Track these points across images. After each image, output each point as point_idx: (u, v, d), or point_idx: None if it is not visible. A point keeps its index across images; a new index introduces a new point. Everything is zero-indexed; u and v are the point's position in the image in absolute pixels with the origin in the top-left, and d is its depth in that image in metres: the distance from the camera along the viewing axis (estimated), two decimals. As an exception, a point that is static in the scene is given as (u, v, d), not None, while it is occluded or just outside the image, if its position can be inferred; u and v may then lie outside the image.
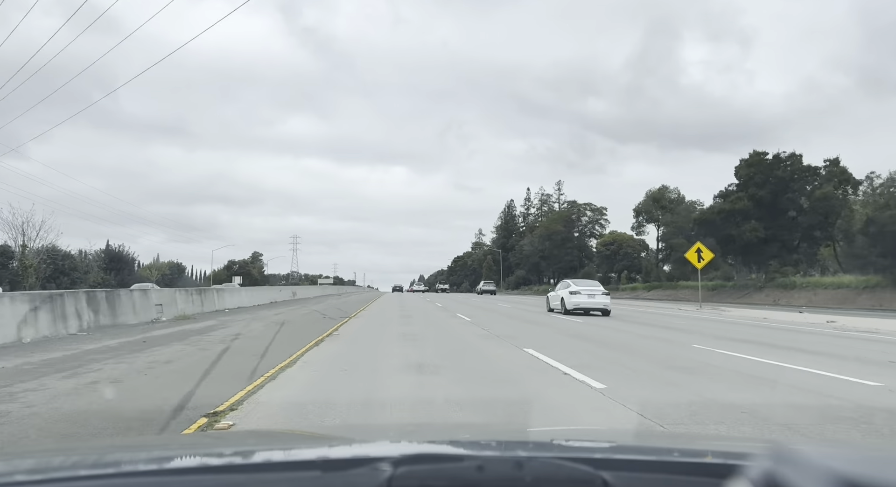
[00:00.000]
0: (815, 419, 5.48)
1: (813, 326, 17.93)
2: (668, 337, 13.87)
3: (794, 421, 5.36)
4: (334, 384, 7.01)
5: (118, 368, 8.04)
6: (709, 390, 6.77)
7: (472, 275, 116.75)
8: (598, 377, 7.45)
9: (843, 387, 7.12)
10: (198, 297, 22.31)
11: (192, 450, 1.55)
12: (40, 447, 3.72)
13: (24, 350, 10.20)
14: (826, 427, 5.17)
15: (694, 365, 8.84)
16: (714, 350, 10.73)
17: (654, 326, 17.27)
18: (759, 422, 5.26)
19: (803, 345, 12.00)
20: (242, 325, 15.76)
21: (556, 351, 10.13)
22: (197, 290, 23.61)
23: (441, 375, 7.65)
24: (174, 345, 10.83)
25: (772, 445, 0.76)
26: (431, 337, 13.08)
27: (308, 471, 1.12)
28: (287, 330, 14.64)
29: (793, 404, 6.21)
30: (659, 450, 1.49)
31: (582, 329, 15.61)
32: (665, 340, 12.98)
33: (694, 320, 20.57)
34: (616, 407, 5.81)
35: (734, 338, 13.39)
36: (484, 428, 2.94)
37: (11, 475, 1.10)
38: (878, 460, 0.77)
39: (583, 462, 1.06)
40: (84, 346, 10.65)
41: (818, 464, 0.67)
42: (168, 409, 5.53)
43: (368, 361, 9.06)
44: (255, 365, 8.35)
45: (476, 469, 1.00)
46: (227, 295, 26.14)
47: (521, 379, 7.56)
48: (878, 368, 8.88)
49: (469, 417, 5.37)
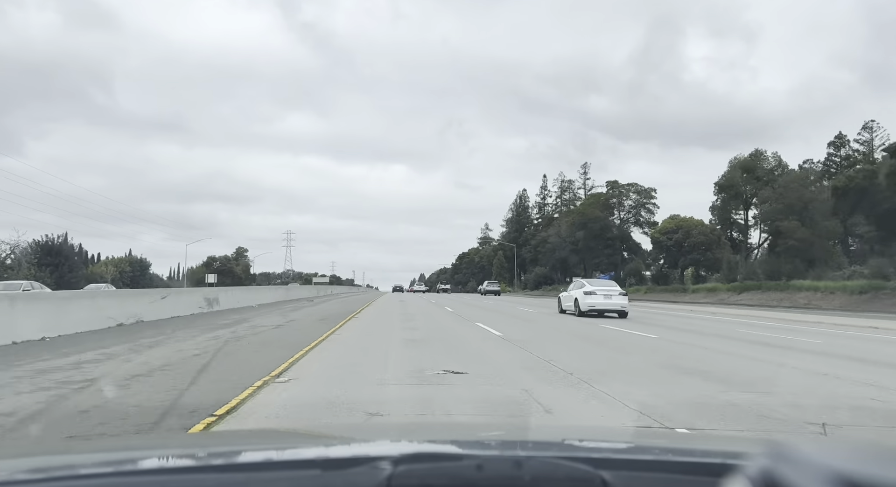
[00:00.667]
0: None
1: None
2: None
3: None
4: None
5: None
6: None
7: (479, 273, 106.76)
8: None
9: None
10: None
11: (191, 450, 1.55)
12: (40, 447, 3.71)
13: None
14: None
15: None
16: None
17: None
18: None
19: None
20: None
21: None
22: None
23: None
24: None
25: (771, 444, 0.76)
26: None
27: (308, 470, 1.13)
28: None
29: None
30: (658, 449, 1.49)
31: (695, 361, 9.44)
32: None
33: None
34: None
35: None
36: (484, 427, 2.94)
37: (11, 475, 1.10)
38: (878, 459, 0.77)
39: (582, 462, 1.06)
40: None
41: (817, 463, 0.67)
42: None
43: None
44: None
45: (475, 467, 1.00)
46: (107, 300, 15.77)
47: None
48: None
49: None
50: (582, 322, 18.96)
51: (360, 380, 7.32)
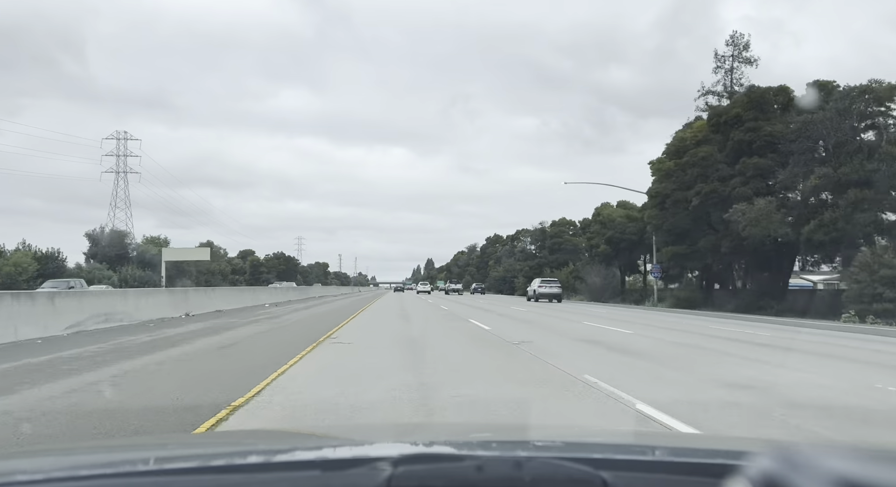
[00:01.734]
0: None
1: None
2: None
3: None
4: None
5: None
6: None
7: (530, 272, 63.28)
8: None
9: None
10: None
11: (191, 450, 1.56)
12: (40, 447, 3.72)
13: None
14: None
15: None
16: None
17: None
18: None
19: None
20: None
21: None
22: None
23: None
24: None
25: (771, 445, 0.76)
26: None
27: (308, 471, 1.13)
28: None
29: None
30: (659, 450, 1.49)
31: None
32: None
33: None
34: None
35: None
36: (484, 428, 2.95)
37: (11, 475, 1.10)
38: (878, 460, 0.77)
39: (582, 462, 1.06)
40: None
41: (817, 464, 0.67)
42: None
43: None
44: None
45: (475, 468, 1.00)
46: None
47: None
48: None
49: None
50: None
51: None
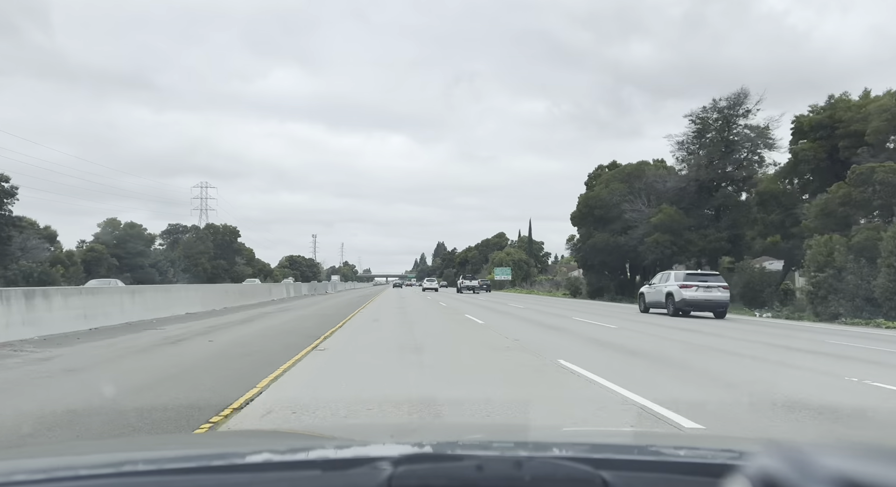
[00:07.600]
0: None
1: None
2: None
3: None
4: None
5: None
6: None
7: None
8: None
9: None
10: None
11: (192, 450, 1.56)
12: (40, 447, 3.72)
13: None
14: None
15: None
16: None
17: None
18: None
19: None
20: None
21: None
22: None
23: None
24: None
25: (771, 444, 0.76)
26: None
27: (308, 471, 1.13)
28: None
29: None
30: (659, 450, 1.49)
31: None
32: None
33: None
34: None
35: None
36: (484, 428, 2.95)
37: (11, 475, 1.10)
38: (878, 459, 0.77)
39: (582, 462, 1.06)
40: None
41: (817, 463, 0.67)
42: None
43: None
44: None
45: (475, 468, 1.01)
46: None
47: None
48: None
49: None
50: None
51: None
